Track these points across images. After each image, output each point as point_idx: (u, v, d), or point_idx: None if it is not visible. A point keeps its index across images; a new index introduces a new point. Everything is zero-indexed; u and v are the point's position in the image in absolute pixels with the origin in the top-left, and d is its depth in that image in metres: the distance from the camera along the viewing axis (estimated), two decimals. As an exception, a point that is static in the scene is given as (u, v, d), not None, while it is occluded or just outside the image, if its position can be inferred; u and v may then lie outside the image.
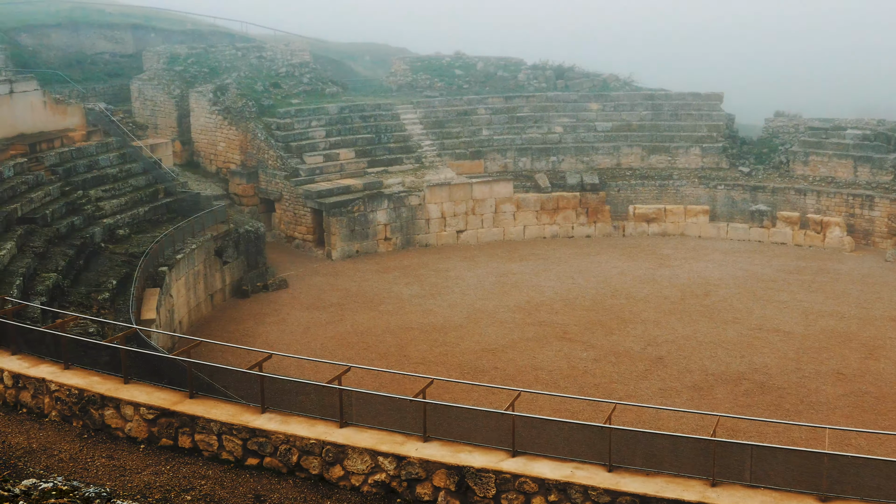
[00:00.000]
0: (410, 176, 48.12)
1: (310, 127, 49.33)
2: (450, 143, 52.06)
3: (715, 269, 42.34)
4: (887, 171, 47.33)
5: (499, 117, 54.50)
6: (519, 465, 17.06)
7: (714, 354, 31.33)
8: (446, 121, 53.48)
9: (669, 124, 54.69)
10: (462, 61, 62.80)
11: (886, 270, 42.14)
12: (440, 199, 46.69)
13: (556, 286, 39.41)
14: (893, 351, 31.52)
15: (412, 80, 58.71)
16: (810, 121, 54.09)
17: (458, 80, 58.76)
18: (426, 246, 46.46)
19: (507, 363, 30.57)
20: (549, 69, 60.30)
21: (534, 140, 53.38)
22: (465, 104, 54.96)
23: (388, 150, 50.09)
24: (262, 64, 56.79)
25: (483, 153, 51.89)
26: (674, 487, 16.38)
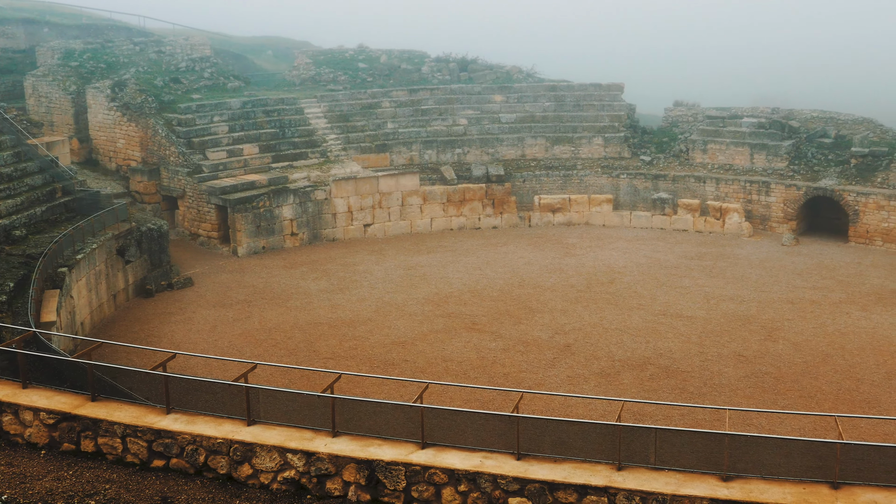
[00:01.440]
0: (316, 170, 47.78)
1: (212, 122, 48.59)
2: (355, 136, 51.84)
3: (619, 256, 43.02)
4: (782, 157, 48.68)
5: (403, 110, 54.46)
6: (429, 456, 17.10)
7: (620, 341, 31.81)
8: (351, 114, 53.24)
9: (572, 115, 55.35)
10: (365, 54, 62.62)
11: (783, 254, 43.36)
12: (346, 194, 46.48)
13: (464, 277, 39.57)
14: (791, 332, 32.43)
15: (315, 74, 58.28)
16: (708, 110, 55.36)
17: (361, 73, 58.54)
18: (333, 240, 46.21)
19: (416, 355, 30.59)
20: (453, 61, 60.51)
21: (439, 132, 53.49)
22: (369, 97, 54.77)
23: (293, 145, 49.63)
24: (162, 59, 55.72)
25: (389, 146, 51.79)
26: (581, 473, 16.60)
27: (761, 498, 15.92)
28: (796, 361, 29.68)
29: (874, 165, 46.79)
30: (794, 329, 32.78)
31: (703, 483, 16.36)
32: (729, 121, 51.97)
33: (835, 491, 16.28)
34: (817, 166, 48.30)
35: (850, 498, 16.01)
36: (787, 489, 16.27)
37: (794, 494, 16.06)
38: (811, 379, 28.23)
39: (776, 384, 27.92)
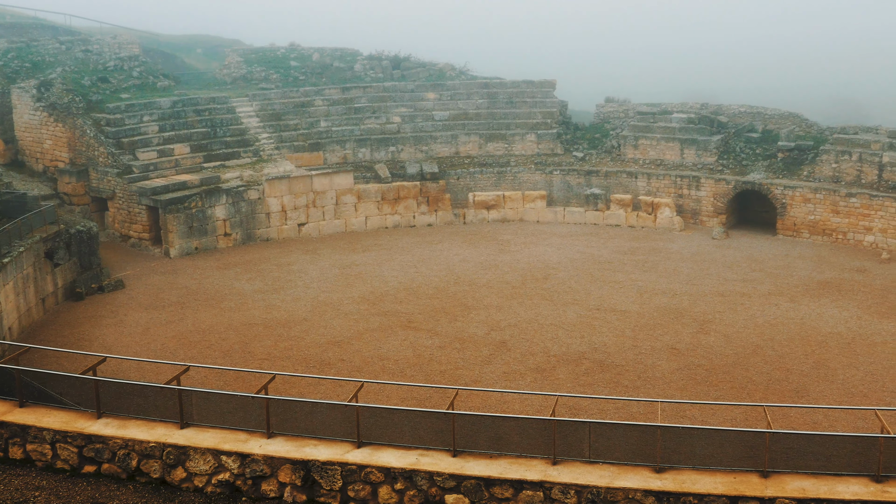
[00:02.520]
0: (249, 170, 47.36)
1: (142, 122, 47.86)
2: (288, 135, 51.48)
3: (554, 252, 43.33)
4: (711, 152, 49.43)
5: (336, 108, 54.22)
6: (364, 455, 17.08)
7: (555, 336, 32.03)
8: (283, 113, 52.85)
9: (505, 112, 55.60)
10: (297, 52, 62.23)
11: (714, 248, 44.06)
12: (280, 193, 46.14)
13: (399, 276, 39.54)
14: (722, 325, 32.95)
15: (247, 73, 57.75)
16: (639, 106, 55.99)
17: (293, 71, 58.15)
18: (267, 240, 45.85)
19: (353, 355, 30.48)
20: (386, 59, 60.40)
21: (373, 130, 53.36)
22: (301, 96, 54.43)
23: (225, 144, 49.12)
24: (89, 58, 54.76)
25: (322, 145, 51.52)
26: (517, 468, 16.71)
27: (693, 488, 16.18)
28: (728, 353, 30.15)
29: (800, 159, 47.75)
30: (725, 321, 33.31)
31: (636, 475, 16.57)
32: (659, 116, 52.62)
33: (764, 479, 16.59)
34: (746, 160, 49.16)
35: (779, 486, 16.33)
36: (718, 479, 16.55)
37: (725, 484, 16.35)
38: (742, 370, 28.70)
39: (708, 376, 28.33)
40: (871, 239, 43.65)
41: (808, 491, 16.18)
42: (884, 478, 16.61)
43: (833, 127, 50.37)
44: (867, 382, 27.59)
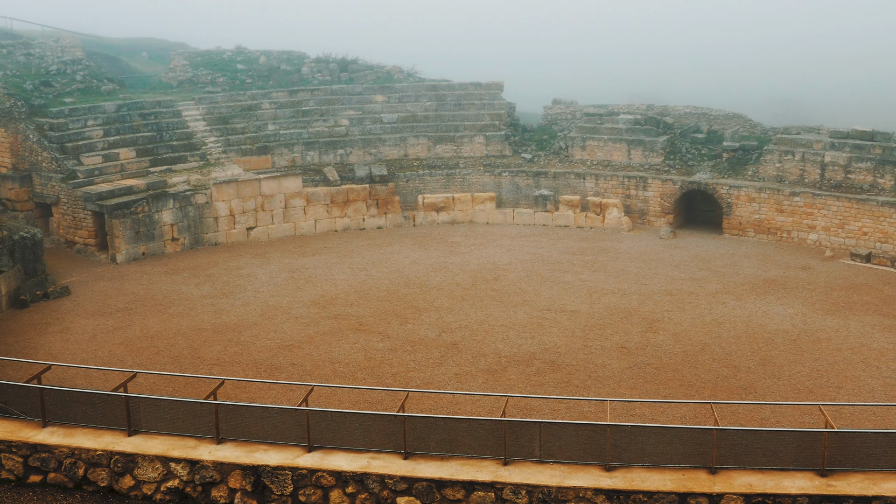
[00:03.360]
0: (196, 174, 46.93)
1: (86, 126, 47.22)
2: (235, 139, 51.10)
3: (503, 254, 43.47)
4: (658, 153, 49.92)
5: (284, 111, 53.94)
6: (315, 459, 17.01)
7: (506, 337, 32.12)
8: (230, 116, 52.45)
9: (453, 114, 55.69)
10: (244, 55, 61.81)
11: (661, 247, 44.50)
12: (228, 197, 45.78)
13: (349, 279, 39.42)
14: (671, 323, 33.28)
15: (193, 76, 57.24)
16: (586, 107, 56.40)
17: (240, 74, 57.74)
18: (216, 244, 45.48)
19: (304, 358, 30.32)
20: (333, 62, 60.20)
21: (321, 133, 53.16)
22: (248, 99, 54.06)
23: (172, 148, 48.63)
24: (31, 62, 53.90)
25: (270, 148, 51.22)
26: (468, 469, 16.75)
27: (643, 486, 16.32)
28: (676, 351, 30.45)
29: (745, 159, 48.40)
30: (673, 320, 33.64)
31: (587, 474, 16.68)
32: (606, 118, 53.02)
33: (712, 476, 16.79)
34: (692, 161, 49.70)
35: (726, 482, 16.54)
36: (667, 476, 16.72)
37: (674, 481, 16.51)
38: (691, 368, 28.99)
39: (658, 374, 28.58)
40: (815, 237, 44.36)
41: (754, 486, 16.41)
42: (828, 471, 16.89)
43: (776, 127, 51.14)
44: (813, 378, 28.01)
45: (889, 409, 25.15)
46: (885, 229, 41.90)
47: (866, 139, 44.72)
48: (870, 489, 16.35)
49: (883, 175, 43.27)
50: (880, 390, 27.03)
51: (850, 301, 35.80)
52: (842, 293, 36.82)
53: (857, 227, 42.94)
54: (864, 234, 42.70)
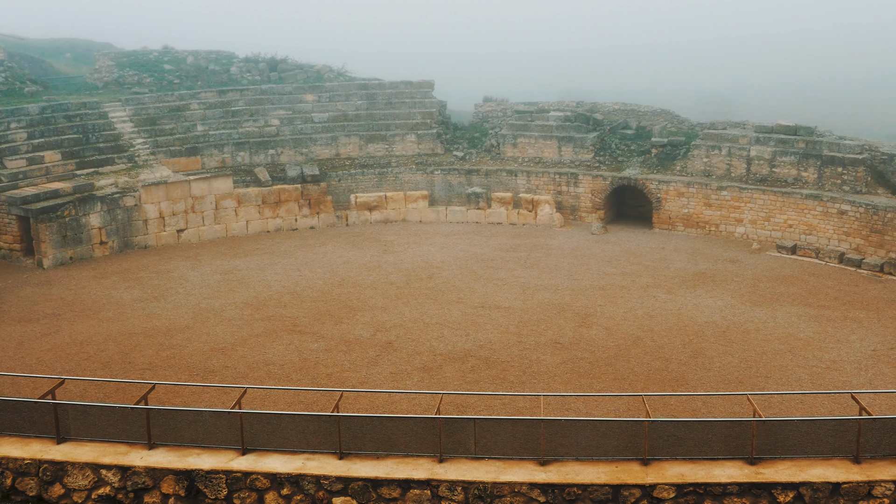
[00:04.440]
0: (124, 176, 46.22)
1: (9, 129, 46.19)
2: (163, 140, 50.42)
3: (437, 252, 43.54)
4: (588, 149, 50.40)
5: (213, 112, 53.37)
6: (250, 462, 16.89)
7: (441, 335, 32.17)
8: (158, 118, 51.73)
9: (385, 113, 55.62)
10: (171, 55, 60.98)
11: (593, 243, 44.95)
12: (157, 199, 45.15)
13: (282, 279, 39.16)
14: (603, 318, 33.63)
15: (119, 77, 56.34)
16: (517, 105, 56.72)
17: (168, 75, 56.98)
18: (146, 247, 44.84)
19: (237, 361, 30.05)
20: (262, 61, 59.73)
21: (251, 134, 52.70)
22: (177, 100, 53.37)
23: (98, 151, 47.81)
24: (-50, 64, 52.64)
25: (199, 149, 50.65)
26: (404, 467, 16.76)
27: (577, 479, 16.48)
28: (609, 345, 30.77)
29: (673, 154, 49.11)
30: (606, 314, 34.00)
31: (522, 469, 16.80)
32: (537, 115, 53.36)
33: (645, 467, 17.02)
34: (621, 157, 50.26)
35: (658, 472, 16.78)
36: (601, 469, 16.91)
37: (608, 473, 16.70)
38: (623, 361, 29.32)
39: (591, 368, 28.85)
40: (742, 230, 45.17)
41: (686, 476, 16.67)
42: (757, 459, 17.23)
43: (703, 123, 51.96)
44: (742, 369, 28.52)
45: (816, 397, 25.71)
46: (810, 221, 42.82)
47: (790, 134, 45.66)
48: (797, 475, 16.72)
49: (806, 169, 44.21)
50: (807, 379, 27.62)
51: (776, 292, 36.53)
52: (769, 285, 37.56)
53: (782, 220, 43.82)
54: (789, 227, 43.58)
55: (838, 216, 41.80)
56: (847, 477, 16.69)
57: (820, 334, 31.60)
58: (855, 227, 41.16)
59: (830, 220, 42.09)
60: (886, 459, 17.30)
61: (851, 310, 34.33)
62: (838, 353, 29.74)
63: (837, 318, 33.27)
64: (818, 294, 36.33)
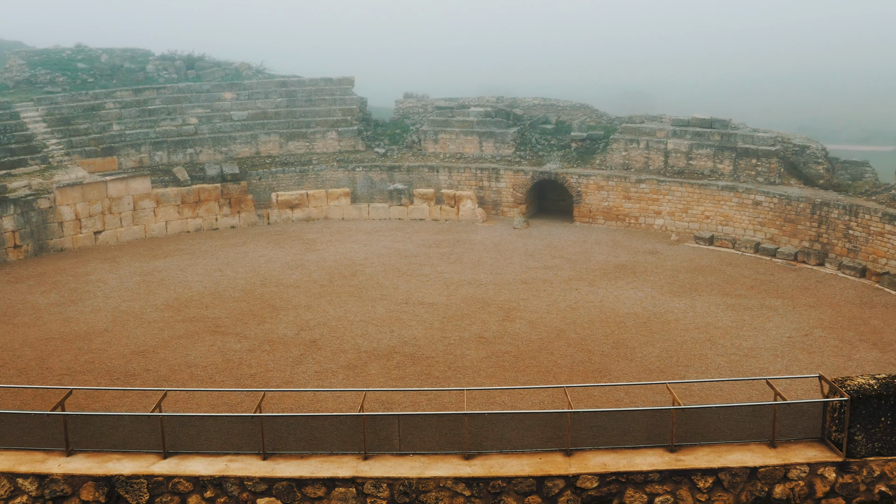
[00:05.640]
0: (38, 178, 45.15)
1: (-85, 131, 44.90)
2: (78, 140, 49.39)
3: (360, 249, 43.42)
4: (509, 144, 50.72)
5: (129, 111, 52.44)
6: (171, 466, 16.65)
7: (365, 332, 32.09)
8: (72, 117, 50.66)
9: (305, 110, 55.26)
10: (85, 54, 59.78)
11: (515, 237, 45.25)
12: (73, 200, 44.22)
13: (204, 280, 38.68)
14: (527, 312, 33.88)
15: (31, 76, 55.00)
16: (437, 100, 56.83)
17: (82, 73, 55.83)
18: (62, 250, 43.89)
19: (159, 364, 29.59)
20: (179, 59, 58.89)
21: (169, 133, 51.92)
22: (91, 99, 52.32)
23: (10, 152, 46.63)
24: None
25: (116, 149, 49.74)
26: (328, 466, 16.69)
27: (501, 472, 16.59)
28: (533, 339, 31.01)
29: (592, 148, 49.67)
30: (529, 308, 34.25)
31: (446, 463, 16.84)
32: (457, 111, 53.52)
33: (568, 458, 17.20)
34: (542, 151, 50.68)
35: (581, 463, 16.97)
36: (524, 461, 17.03)
37: (532, 465, 16.84)
38: (547, 354, 29.56)
39: (516, 362, 29.04)
40: (661, 222, 45.90)
41: (608, 465, 16.90)
42: (677, 447, 17.54)
43: (622, 117, 52.67)
44: (663, 358, 28.98)
45: (734, 384, 26.24)
46: (726, 212, 43.67)
47: (705, 127, 46.51)
48: (715, 461, 17.06)
49: (722, 161, 45.08)
50: (726, 366, 28.17)
51: (695, 282, 37.20)
52: (688, 275, 38.23)
53: (699, 212, 44.63)
54: (706, 218, 44.41)
55: (753, 207, 42.71)
56: (764, 461, 17.08)
57: (737, 323, 32.27)
58: (769, 217, 42.10)
59: (746, 211, 42.98)
60: (801, 443, 17.76)
61: (767, 298, 35.13)
62: (755, 341, 30.40)
63: (754, 307, 34.01)
64: (735, 283, 37.09)
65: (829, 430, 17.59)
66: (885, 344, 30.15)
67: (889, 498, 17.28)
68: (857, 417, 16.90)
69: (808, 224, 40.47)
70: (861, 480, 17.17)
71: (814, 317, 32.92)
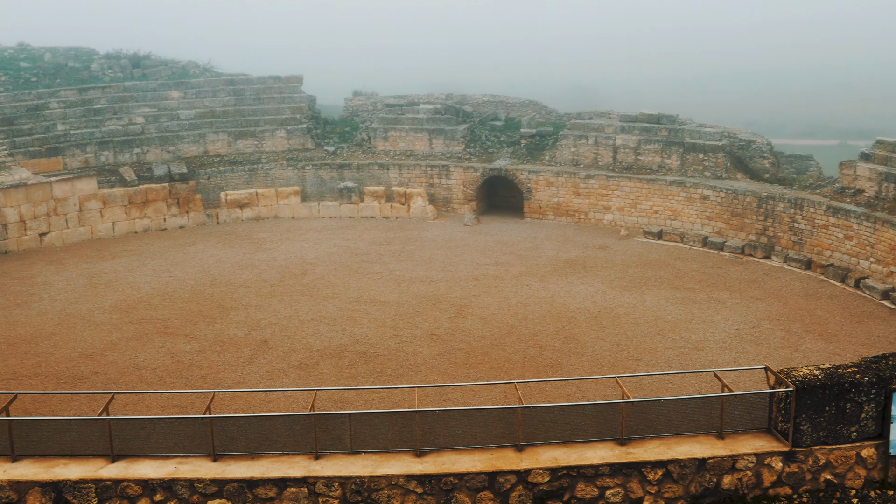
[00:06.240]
0: (-20, 179, 44.40)
1: None
2: (21, 140, 48.61)
3: (310, 248, 43.24)
4: (459, 141, 50.79)
5: (74, 111, 51.70)
6: (120, 469, 16.47)
7: (317, 331, 31.97)
8: (15, 117, 49.82)
9: (253, 108, 54.89)
10: (27, 52, 58.84)
11: (466, 234, 45.34)
12: (17, 202, 43.51)
13: (152, 281, 38.28)
14: (478, 308, 33.96)
15: (-28, 76, 54.08)
16: (387, 98, 56.74)
17: (24, 73, 54.91)
18: (6, 253, 43.17)
19: (107, 366, 29.23)
20: (125, 58, 58.18)
21: (115, 132, 51.28)
22: (35, 98, 51.48)
23: (-48, 153, 45.84)
24: None
25: (61, 149, 49.03)
26: (280, 466, 16.61)
27: (453, 468, 16.62)
28: (485, 335, 31.09)
29: (542, 145, 49.90)
30: (480, 304, 34.33)
31: (398, 461, 16.84)
32: (407, 108, 53.49)
33: (520, 453, 17.28)
34: (492, 148, 50.81)
35: (533, 458, 17.06)
36: (476, 457, 17.09)
37: (483, 461, 16.90)
38: (499, 350, 29.66)
39: (468, 358, 29.09)
40: (610, 217, 46.24)
41: (559, 459, 17.00)
42: (627, 440, 17.69)
43: (570, 113, 52.96)
44: (613, 352, 29.20)
45: (684, 376, 26.53)
46: (674, 207, 44.11)
47: (653, 122, 46.93)
48: (665, 453, 17.23)
49: (670, 156, 45.52)
50: (675, 359, 28.47)
51: (645, 277, 37.53)
52: (637, 270, 38.56)
53: (648, 207, 45.03)
54: (655, 213, 44.81)
55: (701, 201, 43.18)
56: (712, 452, 17.28)
57: (687, 316, 32.61)
58: (717, 211, 42.59)
59: (693, 206, 43.44)
60: (749, 434, 17.99)
61: (715, 291, 35.55)
62: (704, 334, 30.75)
63: (703, 300, 34.40)
64: (684, 277, 37.49)
65: (775, 421, 17.84)
66: (830, 335, 30.66)
67: (834, 486, 17.58)
68: (802, 408, 17.16)
69: (754, 218, 41.00)
70: (807, 469, 17.44)
71: (761, 309, 33.37)
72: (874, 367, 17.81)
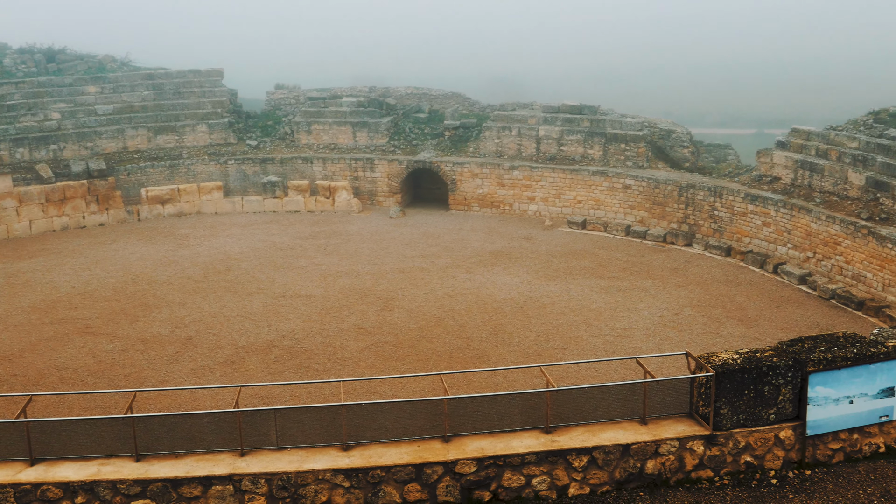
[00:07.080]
0: None
1: None
2: (-67, 138, 47.30)
3: (234, 243, 42.78)
4: (383, 134, 50.67)
5: (-13, 107, 50.42)
6: (39, 473, 16.13)
7: (242, 327, 31.67)
8: (-74, 115, 48.44)
9: (173, 103, 54.08)
10: (-63, 48, 57.16)
11: (391, 227, 45.27)
12: (-72, 202, 42.34)
13: (72, 280, 37.52)
14: (405, 300, 33.95)
15: None
16: (309, 91, 56.35)
17: (-66, 69, 53.37)
18: (-82, 254, 42.00)
19: (26, 368, 28.59)
20: (39, 52, 56.81)
21: (30, 129, 50.07)
22: (-54, 95, 50.14)
23: None
24: None
25: (-26, 147, 47.79)
26: (204, 464, 16.43)
27: (380, 461, 16.61)
28: (412, 327, 31.10)
29: (466, 136, 50.02)
30: (407, 297, 34.33)
31: (325, 456, 16.78)
32: (330, 101, 53.20)
33: (447, 444, 17.33)
34: (416, 140, 50.80)
35: (459, 449, 17.13)
36: (403, 449, 17.10)
37: (410, 453, 16.91)
38: (426, 342, 29.69)
39: (395, 351, 29.08)
40: (535, 208, 46.57)
41: (486, 450, 17.09)
42: (553, 428, 17.84)
43: (494, 105, 53.18)
44: (540, 342, 29.43)
45: (609, 364, 26.84)
46: (597, 197, 44.59)
47: (575, 113, 47.36)
48: (590, 440, 17.42)
49: (592, 146, 45.98)
50: (601, 348, 28.79)
51: (569, 266, 37.89)
52: (562, 259, 38.91)
53: (572, 197, 45.45)
54: (578, 203, 45.25)
55: (623, 191, 43.72)
56: (636, 438, 17.52)
57: (611, 304, 33.01)
58: (639, 200, 43.16)
59: (616, 195, 43.97)
60: (671, 418, 18.28)
61: (639, 279, 36.04)
62: (628, 322, 31.16)
63: (627, 288, 34.85)
64: (608, 266, 37.93)
65: (696, 405, 18.16)
66: (749, 320, 31.31)
67: (754, 467, 17.96)
68: (722, 391, 17.49)
69: (675, 206, 41.64)
70: (728, 452, 17.78)
71: (683, 296, 33.93)
72: (791, 350, 18.21)
